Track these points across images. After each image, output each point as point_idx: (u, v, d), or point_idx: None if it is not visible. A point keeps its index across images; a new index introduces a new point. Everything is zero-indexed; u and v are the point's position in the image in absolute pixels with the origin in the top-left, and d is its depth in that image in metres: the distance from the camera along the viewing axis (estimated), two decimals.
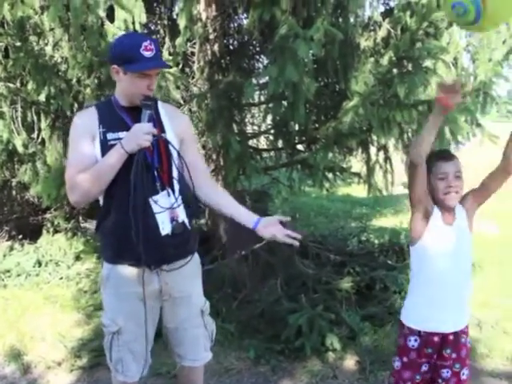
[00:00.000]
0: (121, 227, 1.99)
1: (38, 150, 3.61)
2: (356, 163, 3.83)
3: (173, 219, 2.04)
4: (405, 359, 2.13)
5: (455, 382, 2.10)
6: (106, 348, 2.19)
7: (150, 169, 1.99)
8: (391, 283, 4.03)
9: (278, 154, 4.05)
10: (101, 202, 2.09)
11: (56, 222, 5.62)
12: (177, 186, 2.09)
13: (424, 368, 2.10)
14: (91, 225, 5.83)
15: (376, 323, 3.59)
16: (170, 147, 2.05)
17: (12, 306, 4.08)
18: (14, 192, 5.50)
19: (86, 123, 2.01)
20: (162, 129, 2.07)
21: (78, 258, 4.92)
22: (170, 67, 2.02)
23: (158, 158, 2.02)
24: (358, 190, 7.44)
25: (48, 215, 5.79)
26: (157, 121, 2.05)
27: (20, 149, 3.50)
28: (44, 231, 5.54)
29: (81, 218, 5.88)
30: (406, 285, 4.04)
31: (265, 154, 4.21)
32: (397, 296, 3.90)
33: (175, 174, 2.07)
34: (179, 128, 2.12)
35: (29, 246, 5.25)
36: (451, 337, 2.07)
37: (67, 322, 3.83)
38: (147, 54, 1.88)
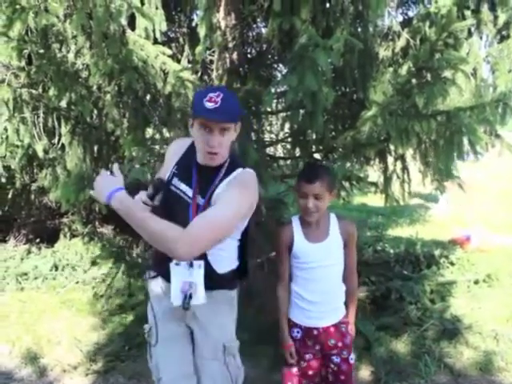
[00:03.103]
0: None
1: (58, 155, 3.65)
2: (372, 173, 3.83)
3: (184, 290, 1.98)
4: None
5: (346, 366, 2.39)
6: (148, 356, 2.27)
7: None
8: (407, 293, 4.02)
9: (295, 162, 4.05)
10: None
11: (73, 227, 5.69)
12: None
13: (307, 357, 2.40)
14: (108, 230, 5.88)
15: (391, 333, 3.58)
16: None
17: (29, 309, 4.14)
18: (32, 196, 5.57)
19: (171, 155, 2.17)
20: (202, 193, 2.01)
21: (94, 262, 4.98)
22: (230, 122, 1.91)
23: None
24: (374, 200, 7.42)
25: (65, 219, 5.87)
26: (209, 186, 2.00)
27: (40, 154, 3.55)
28: (61, 235, 5.62)
29: (97, 223, 5.94)
30: (422, 295, 4.03)
31: (282, 162, 4.21)
32: (413, 306, 3.88)
33: None
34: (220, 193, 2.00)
35: (46, 250, 5.33)
36: (332, 329, 2.37)
37: (83, 326, 3.87)
38: (209, 104, 1.82)
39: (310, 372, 2.42)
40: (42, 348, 3.53)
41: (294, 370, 2.43)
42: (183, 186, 2.02)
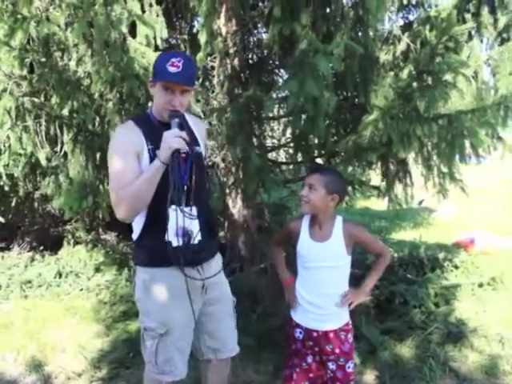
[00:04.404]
0: (157, 232, 2.08)
1: (61, 163, 3.66)
2: (375, 176, 3.83)
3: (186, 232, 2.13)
4: (293, 347, 2.45)
5: (342, 374, 2.36)
6: (149, 353, 2.21)
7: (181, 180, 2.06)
8: (411, 297, 4.00)
9: (298, 167, 4.05)
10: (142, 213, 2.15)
11: (77, 234, 5.70)
12: (199, 199, 2.18)
13: (309, 360, 2.42)
14: (111, 236, 5.89)
15: (396, 338, 3.57)
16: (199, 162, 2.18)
17: (33, 317, 4.14)
18: (35, 203, 5.58)
19: (130, 140, 2.06)
20: (196, 142, 2.21)
21: (97, 269, 4.98)
22: (191, 85, 2.10)
23: (189, 172, 2.10)
24: (377, 203, 7.42)
25: (69, 227, 5.88)
26: (190, 135, 2.13)
27: (43, 162, 3.56)
28: (65, 242, 5.62)
29: (101, 230, 5.95)
30: (426, 299, 4.01)
31: (284, 167, 4.22)
32: (417, 310, 3.86)
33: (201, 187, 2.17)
34: (203, 137, 2.31)
35: (50, 257, 5.33)
36: (331, 334, 2.36)
37: (87, 333, 3.87)
38: (172, 69, 1.98)
39: (311, 375, 2.43)
40: (46, 355, 3.53)
41: (294, 374, 2.44)
42: None
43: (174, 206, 2.02)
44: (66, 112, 3.30)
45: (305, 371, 2.43)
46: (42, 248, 5.61)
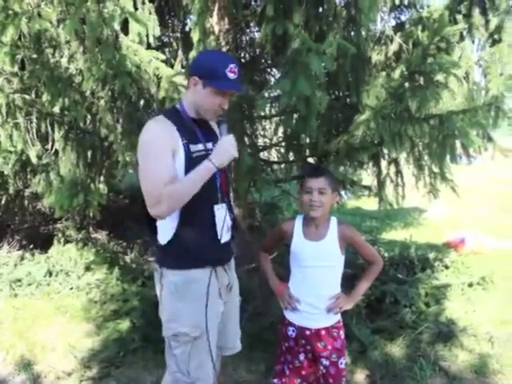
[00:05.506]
0: (199, 232, 2.11)
1: (52, 161, 3.64)
2: (366, 176, 3.84)
3: (228, 228, 2.23)
4: (286, 344, 2.47)
5: (335, 370, 2.38)
6: (180, 362, 2.14)
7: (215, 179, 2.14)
8: (402, 297, 4.02)
9: (289, 166, 4.05)
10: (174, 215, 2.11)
11: (67, 232, 5.66)
12: (227, 197, 2.28)
13: (301, 357, 2.44)
14: (102, 235, 5.86)
15: (386, 337, 3.58)
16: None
17: (22, 316, 4.11)
18: (25, 202, 5.55)
19: (167, 136, 2.01)
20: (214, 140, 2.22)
21: (88, 268, 4.95)
22: (247, 92, 2.16)
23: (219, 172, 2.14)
24: (368, 203, 7.43)
25: (59, 225, 5.84)
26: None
27: (34, 159, 3.53)
28: (55, 241, 5.58)
29: (91, 229, 5.92)
30: (416, 299, 4.03)
31: (275, 167, 4.22)
32: (407, 310, 3.87)
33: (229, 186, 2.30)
34: None
35: (40, 256, 5.29)
36: (323, 332, 2.39)
37: (77, 332, 3.85)
38: (231, 75, 1.99)
39: (303, 372, 2.44)
40: (35, 355, 3.51)
41: (286, 371, 2.46)
42: (200, 146, 2.09)
43: (217, 205, 2.14)
44: (57, 109, 3.27)
45: (297, 368, 2.44)
46: (31, 246, 5.56)
